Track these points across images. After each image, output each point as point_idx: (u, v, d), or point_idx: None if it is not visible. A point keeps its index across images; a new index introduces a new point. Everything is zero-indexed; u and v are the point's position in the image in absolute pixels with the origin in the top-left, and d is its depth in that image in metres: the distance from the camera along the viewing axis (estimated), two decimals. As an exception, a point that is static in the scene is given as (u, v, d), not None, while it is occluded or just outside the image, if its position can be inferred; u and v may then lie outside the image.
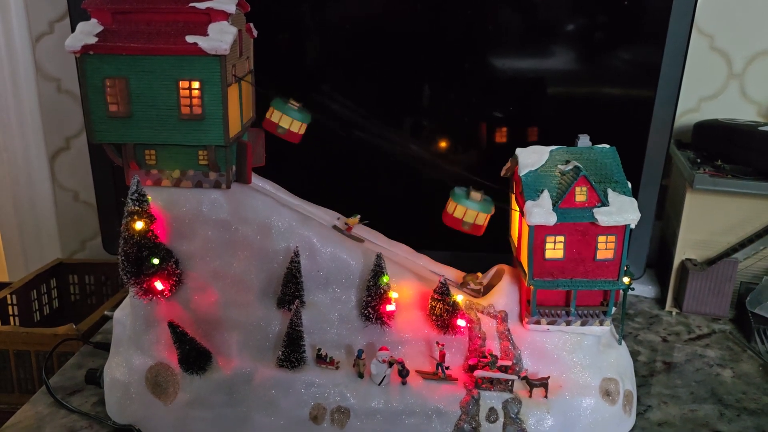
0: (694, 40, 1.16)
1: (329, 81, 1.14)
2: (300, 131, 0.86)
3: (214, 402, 0.81)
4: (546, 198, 0.77)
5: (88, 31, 0.73)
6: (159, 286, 0.79)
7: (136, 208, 0.76)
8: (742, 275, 1.17)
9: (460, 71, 1.12)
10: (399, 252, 0.92)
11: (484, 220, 0.83)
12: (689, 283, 1.17)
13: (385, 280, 0.81)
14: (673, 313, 1.21)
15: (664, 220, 1.34)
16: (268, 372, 0.81)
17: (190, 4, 0.74)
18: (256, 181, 0.87)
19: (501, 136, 1.16)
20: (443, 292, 0.82)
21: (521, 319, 0.83)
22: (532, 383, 0.80)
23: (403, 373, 0.81)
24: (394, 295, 0.82)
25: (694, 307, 1.19)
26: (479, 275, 0.90)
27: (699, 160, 1.18)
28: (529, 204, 0.77)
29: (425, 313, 0.83)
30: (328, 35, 1.13)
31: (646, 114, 1.10)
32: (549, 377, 0.81)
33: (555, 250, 0.78)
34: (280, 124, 0.85)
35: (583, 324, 0.81)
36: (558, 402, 0.80)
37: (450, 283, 0.89)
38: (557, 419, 0.79)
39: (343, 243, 0.84)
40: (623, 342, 0.88)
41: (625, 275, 0.80)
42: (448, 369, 0.81)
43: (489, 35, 1.11)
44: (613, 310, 0.82)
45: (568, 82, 1.12)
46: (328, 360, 0.82)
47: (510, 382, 0.80)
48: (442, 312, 0.82)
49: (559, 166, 0.79)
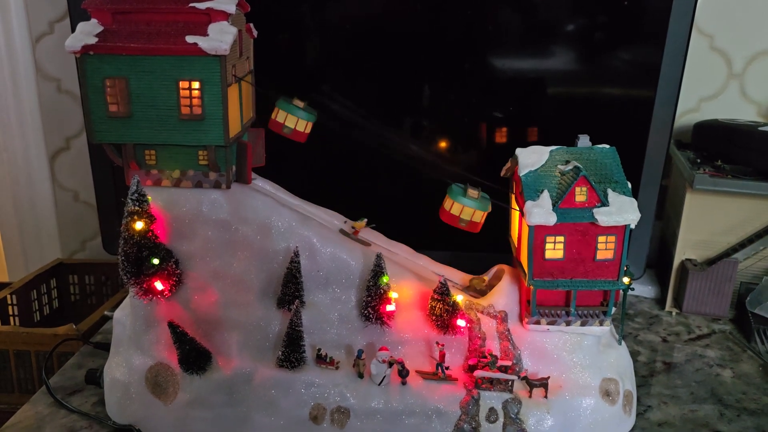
0: (694, 40, 1.16)
1: (329, 81, 1.14)
2: (306, 130, 0.85)
3: (214, 402, 0.81)
4: (546, 198, 0.77)
5: (88, 31, 0.73)
6: (159, 286, 0.79)
7: (136, 208, 0.76)
8: (742, 275, 1.17)
9: (460, 71, 1.12)
10: (399, 252, 0.92)
11: (481, 217, 0.83)
12: (689, 283, 1.17)
13: (385, 280, 0.81)
14: (673, 313, 1.21)
15: (664, 221, 1.34)
16: (268, 372, 0.81)
17: (190, 5, 0.74)
18: (256, 181, 0.87)
19: (501, 136, 1.16)
20: (443, 292, 0.82)
21: (521, 319, 0.83)
22: (532, 383, 0.80)
23: (403, 373, 0.81)
24: (394, 295, 0.82)
25: (694, 308, 1.19)
26: (485, 278, 0.90)
27: (699, 160, 1.18)
28: (529, 204, 0.77)
29: (425, 313, 0.83)
30: (328, 35, 1.13)
31: (646, 114, 1.10)
32: (549, 377, 0.81)
33: (555, 250, 0.78)
34: (286, 123, 0.84)
35: (583, 324, 0.81)
36: (558, 402, 0.80)
37: (456, 285, 0.89)
38: (557, 419, 0.79)
39: (343, 243, 0.84)
40: (623, 342, 0.88)
41: (625, 275, 0.80)
42: (448, 369, 0.81)
43: (489, 35, 1.11)
44: (613, 310, 0.82)
45: (568, 82, 1.12)
46: (328, 360, 0.82)
47: (510, 382, 0.80)
48: (442, 312, 0.82)
49: (559, 166, 0.79)
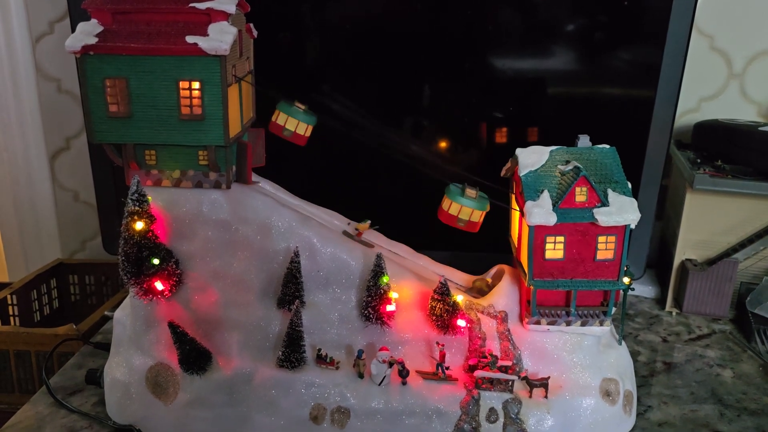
0: (694, 40, 1.16)
1: (329, 81, 1.14)
2: (306, 133, 0.86)
3: (215, 402, 0.81)
4: (546, 198, 0.77)
5: (88, 32, 0.73)
6: (159, 286, 0.79)
7: (137, 209, 0.76)
8: (742, 275, 1.17)
9: (460, 71, 1.12)
10: (399, 252, 0.92)
11: (479, 217, 0.83)
12: (689, 283, 1.17)
13: (385, 280, 0.81)
14: (673, 313, 1.21)
15: (664, 221, 1.34)
16: (269, 372, 0.81)
17: (191, 5, 0.74)
18: (256, 180, 0.87)
19: (501, 136, 1.16)
20: (443, 292, 0.82)
21: (521, 319, 0.83)
22: (532, 383, 0.80)
23: (403, 374, 0.81)
24: (394, 295, 0.82)
25: (694, 308, 1.19)
26: (488, 280, 0.90)
27: (699, 161, 1.18)
28: (529, 204, 0.77)
29: (425, 314, 0.83)
30: (328, 35, 1.13)
31: (646, 114, 1.10)
32: (549, 377, 0.81)
33: (555, 250, 0.78)
34: (286, 126, 0.85)
35: (583, 324, 0.81)
36: (558, 402, 0.80)
37: (460, 287, 0.89)
38: (557, 419, 0.79)
39: (343, 243, 0.84)
40: (623, 342, 0.88)
41: (625, 275, 0.80)
42: (448, 369, 0.81)
43: (489, 35, 1.11)
44: (613, 310, 0.82)
45: (568, 82, 1.12)
46: (328, 360, 0.82)
47: (510, 383, 0.80)
48: (442, 312, 0.82)
49: (559, 167, 0.79)
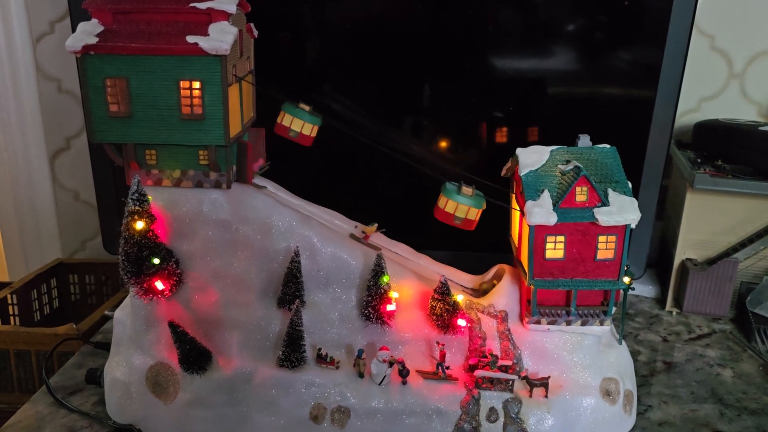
0: (695, 40, 1.16)
1: (329, 81, 1.14)
2: (312, 134, 0.86)
3: (215, 402, 0.81)
4: (546, 198, 0.77)
5: (88, 31, 0.73)
6: (159, 285, 0.79)
7: (137, 208, 0.76)
8: (743, 275, 1.17)
9: (460, 71, 1.12)
10: (399, 252, 0.92)
11: (475, 215, 0.83)
12: (689, 283, 1.17)
13: (385, 279, 0.81)
14: (674, 312, 1.21)
15: (664, 220, 1.34)
16: (269, 372, 0.81)
17: (191, 4, 0.74)
18: (256, 180, 0.87)
19: (501, 136, 1.16)
20: (443, 291, 0.82)
21: (521, 318, 0.83)
22: (532, 383, 0.80)
23: (403, 373, 0.81)
24: (394, 294, 0.82)
25: (695, 307, 1.19)
26: (495, 282, 0.90)
27: (699, 160, 1.18)
28: (529, 204, 0.77)
29: (425, 313, 0.83)
30: (328, 35, 1.13)
31: (647, 114, 1.10)
32: (549, 377, 0.81)
33: (555, 250, 0.78)
34: (292, 127, 0.85)
35: (583, 324, 0.81)
36: (558, 402, 0.80)
37: (465, 289, 0.89)
38: (557, 419, 0.79)
39: (344, 243, 0.84)
40: (623, 342, 0.88)
41: (626, 275, 0.80)
42: (448, 369, 0.81)
43: (489, 35, 1.11)
44: (614, 309, 0.82)
45: (568, 82, 1.12)
46: (329, 360, 0.82)
47: (510, 382, 0.80)
48: (443, 312, 0.82)
49: (559, 166, 0.79)
